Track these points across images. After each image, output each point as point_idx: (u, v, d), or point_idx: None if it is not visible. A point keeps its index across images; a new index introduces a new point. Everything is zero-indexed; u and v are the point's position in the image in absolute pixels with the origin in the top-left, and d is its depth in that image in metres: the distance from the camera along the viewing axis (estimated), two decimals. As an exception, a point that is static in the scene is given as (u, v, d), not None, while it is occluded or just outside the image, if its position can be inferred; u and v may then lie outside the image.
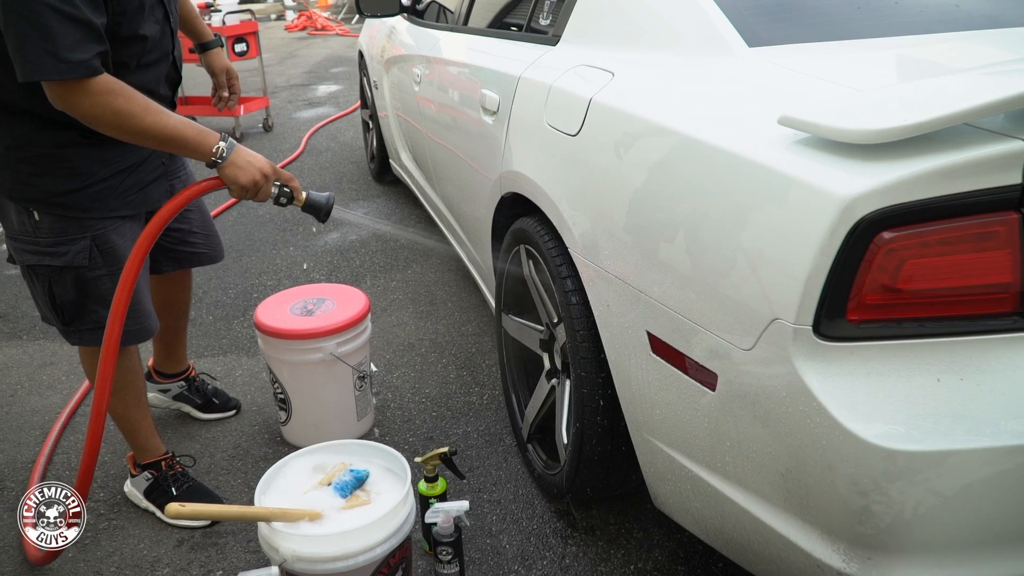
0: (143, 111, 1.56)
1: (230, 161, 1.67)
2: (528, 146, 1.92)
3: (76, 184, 1.71)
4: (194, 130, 1.63)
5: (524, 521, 2.01)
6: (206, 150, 1.64)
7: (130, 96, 1.55)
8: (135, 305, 1.82)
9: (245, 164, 1.68)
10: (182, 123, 1.62)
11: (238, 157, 1.68)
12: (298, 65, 9.56)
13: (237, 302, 3.32)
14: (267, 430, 2.43)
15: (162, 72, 1.81)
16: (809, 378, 1.14)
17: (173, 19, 1.81)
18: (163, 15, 1.76)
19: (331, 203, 1.86)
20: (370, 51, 4.35)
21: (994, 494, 1.10)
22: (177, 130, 1.60)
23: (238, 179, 1.68)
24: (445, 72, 2.82)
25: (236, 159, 1.68)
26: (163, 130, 1.58)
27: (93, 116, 1.54)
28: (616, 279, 1.54)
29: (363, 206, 4.44)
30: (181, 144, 1.62)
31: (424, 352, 2.86)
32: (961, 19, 1.62)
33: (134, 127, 1.56)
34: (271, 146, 5.75)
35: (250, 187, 1.70)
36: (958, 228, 1.09)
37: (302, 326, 2.19)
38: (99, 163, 1.74)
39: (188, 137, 1.62)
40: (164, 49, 1.79)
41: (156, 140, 1.60)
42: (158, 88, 1.82)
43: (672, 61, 1.58)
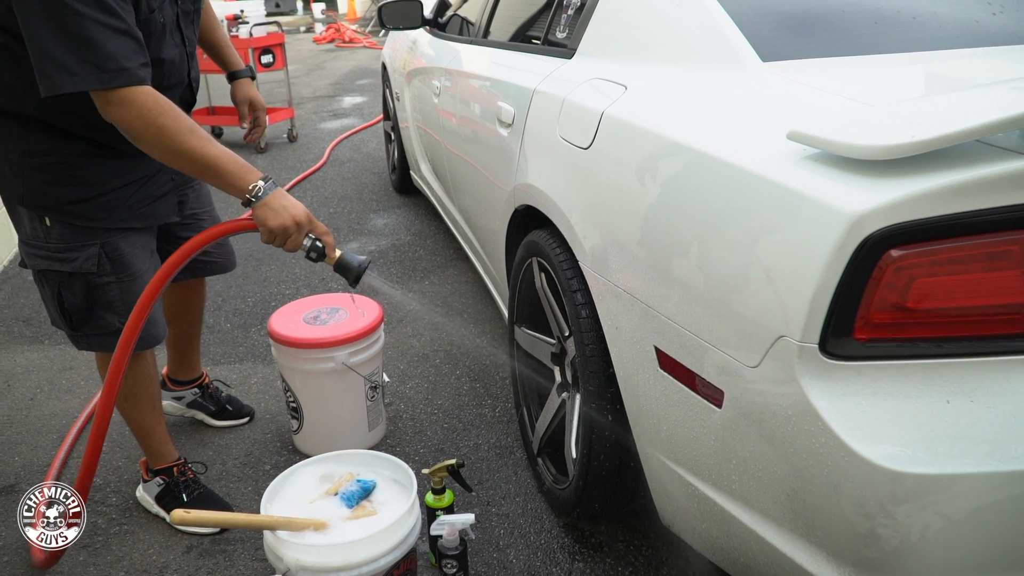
0: (188, 133, 1.53)
1: (265, 202, 1.59)
2: (541, 159, 1.92)
3: (87, 193, 1.73)
4: (235, 164, 1.58)
5: (532, 536, 1.99)
6: (243, 186, 1.58)
7: (177, 116, 1.53)
8: None
9: (280, 208, 1.60)
10: (224, 154, 1.57)
11: (274, 200, 1.60)
12: (324, 77, 9.66)
13: (255, 310, 3.34)
14: (279, 438, 2.44)
15: (177, 95, 1.82)
16: (815, 397, 1.12)
17: (189, 44, 1.82)
18: (180, 39, 1.77)
19: (364, 268, 1.74)
20: (392, 63, 4.39)
21: (1003, 519, 1.07)
22: (219, 160, 1.56)
23: (268, 222, 1.59)
24: (464, 84, 2.83)
25: (271, 201, 1.59)
26: (204, 156, 1.54)
27: (136, 129, 1.51)
28: (625, 293, 1.53)
29: (383, 217, 4.46)
30: (219, 175, 1.57)
31: (438, 363, 2.85)
32: (982, 35, 1.60)
33: (175, 147, 1.53)
34: (295, 156, 5.80)
35: (279, 232, 1.61)
36: (969, 247, 1.07)
37: (314, 335, 2.20)
38: (110, 174, 1.75)
39: (228, 169, 1.57)
40: (181, 73, 1.80)
41: (194, 165, 1.56)
42: None
43: (685, 75, 1.58)
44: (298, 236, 1.64)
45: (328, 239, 1.69)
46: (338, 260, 1.72)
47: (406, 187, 4.64)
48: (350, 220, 4.41)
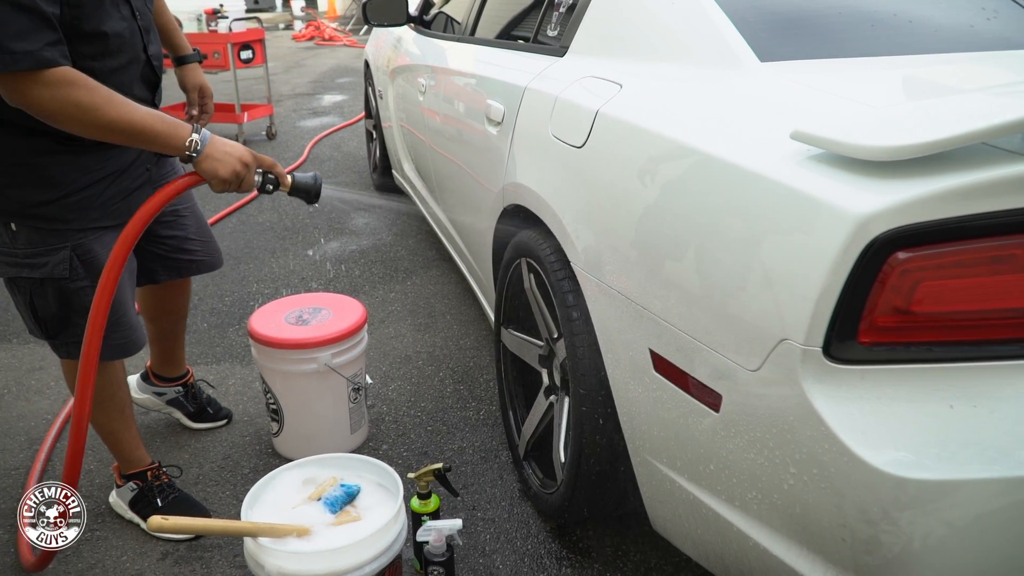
0: (106, 103, 1.44)
1: (206, 154, 1.55)
2: (532, 158, 1.89)
3: (53, 194, 1.64)
4: (164, 123, 1.52)
5: (519, 541, 1.96)
6: (178, 143, 1.53)
7: (92, 88, 1.44)
8: (120, 318, 1.77)
9: (223, 155, 1.57)
10: (151, 115, 1.50)
11: (214, 148, 1.57)
12: (304, 74, 9.57)
13: (233, 310, 3.28)
14: (258, 441, 2.38)
15: (135, 73, 1.72)
16: (818, 401, 1.10)
17: (142, 16, 1.71)
18: (129, 12, 1.66)
19: (319, 183, 1.75)
20: (376, 61, 4.34)
21: (1006, 526, 1.06)
22: (145, 122, 1.49)
23: (217, 172, 1.57)
24: (450, 82, 2.80)
25: (212, 151, 1.56)
26: (130, 123, 1.47)
27: (52, 111, 1.43)
28: (619, 295, 1.50)
29: (364, 216, 4.41)
30: (151, 138, 1.51)
31: (421, 365, 2.81)
32: (976, 40, 1.59)
33: (98, 120, 1.45)
34: (274, 153, 5.72)
35: (232, 179, 1.59)
36: (974, 250, 1.05)
37: (296, 336, 2.15)
38: (77, 171, 1.67)
39: (158, 130, 1.50)
40: (135, 48, 1.70)
41: (123, 134, 1.49)
42: (132, 89, 1.71)
43: (682, 74, 1.55)
44: (249, 176, 1.63)
45: (277, 169, 1.69)
46: (293, 185, 1.72)
47: (388, 186, 4.59)
48: (330, 220, 4.35)
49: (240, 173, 1.60)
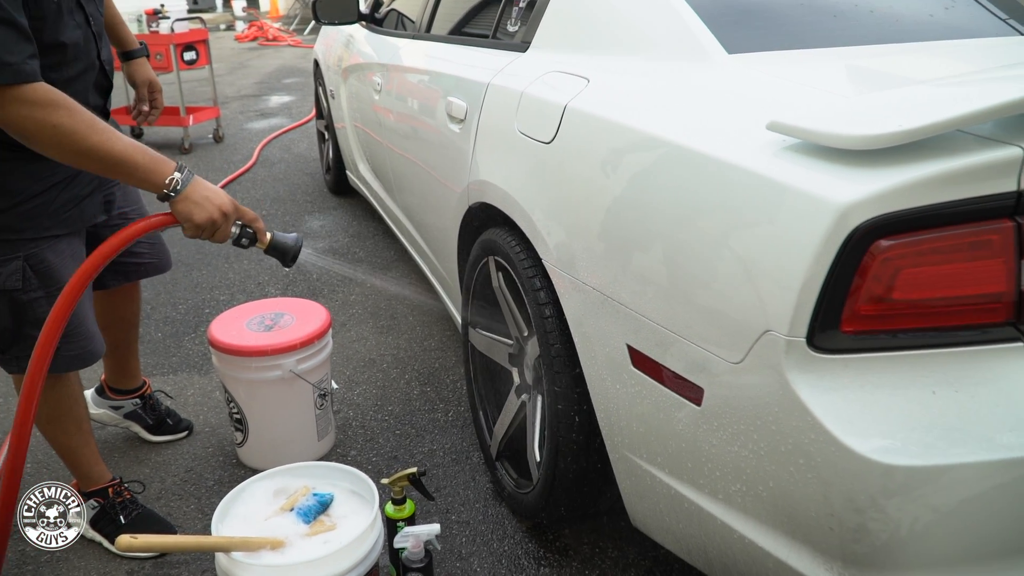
0: (88, 128, 1.37)
1: (185, 195, 1.47)
2: (498, 155, 1.87)
3: (4, 203, 1.57)
4: (147, 156, 1.44)
5: (495, 543, 1.94)
6: (159, 180, 1.45)
7: (74, 111, 1.37)
8: (76, 328, 1.71)
9: (202, 200, 1.49)
10: (133, 147, 1.43)
11: (194, 191, 1.48)
12: (249, 76, 9.39)
13: (188, 318, 3.19)
14: (222, 452, 2.32)
15: (90, 80, 1.67)
16: (803, 391, 1.10)
17: (95, 23, 1.66)
18: (84, 19, 1.61)
19: (299, 245, 1.67)
20: (326, 60, 4.27)
21: (990, 508, 1.07)
22: (126, 154, 1.41)
23: (193, 216, 1.48)
24: (407, 81, 2.75)
25: (192, 193, 1.48)
26: (110, 153, 1.39)
27: (28, 131, 1.36)
28: (594, 291, 1.48)
29: (319, 219, 4.34)
30: (130, 171, 1.43)
31: (386, 368, 2.77)
32: (935, 30, 1.62)
33: (76, 146, 1.38)
34: (222, 157, 5.60)
35: (207, 226, 1.50)
36: (952, 236, 1.06)
37: (260, 342, 2.09)
38: (29, 179, 1.59)
39: (138, 163, 1.42)
40: (90, 56, 1.65)
41: (100, 164, 1.41)
42: (87, 98, 1.67)
43: (650, 68, 1.54)
44: (226, 226, 1.54)
45: (257, 224, 1.60)
46: (270, 243, 1.64)
47: (342, 188, 4.52)
48: (284, 223, 4.26)
49: (217, 222, 1.51)
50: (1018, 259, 1.06)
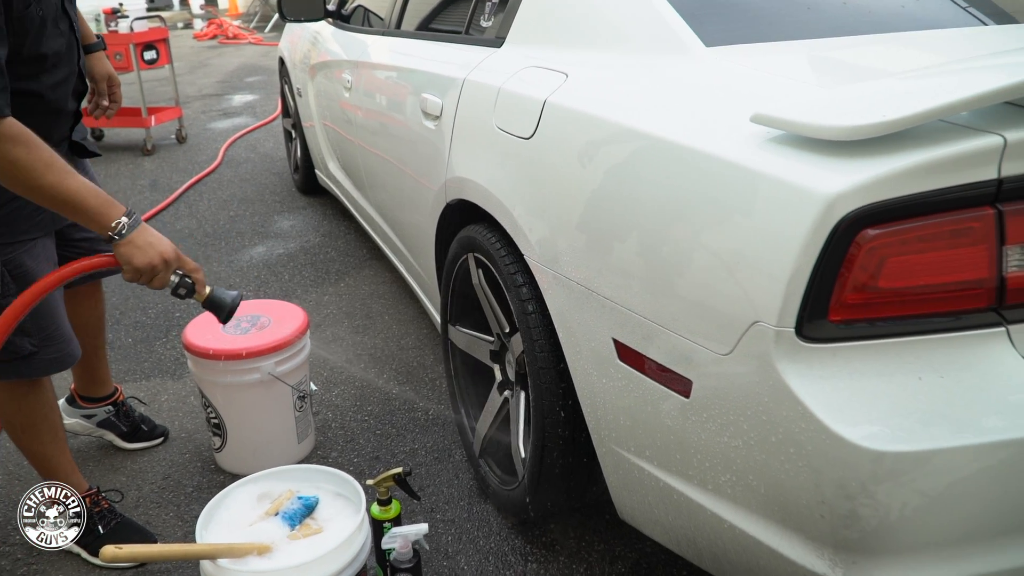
0: (45, 167, 1.39)
1: (129, 239, 1.49)
2: (476, 151, 1.86)
3: None
4: (97, 199, 1.46)
5: (481, 540, 1.94)
6: (106, 223, 1.47)
7: (33, 147, 1.38)
8: (54, 331, 1.68)
9: (145, 245, 1.51)
10: (85, 188, 1.45)
11: (139, 237, 1.51)
12: (210, 75, 9.26)
13: (158, 322, 3.14)
14: (199, 458, 2.29)
15: (70, 87, 1.66)
16: (792, 381, 1.11)
17: (77, 29, 1.66)
18: (68, 26, 1.60)
19: (236, 304, 1.69)
20: (292, 57, 4.22)
21: (976, 491, 1.09)
22: (79, 195, 1.43)
23: (133, 260, 1.50)
24: (379, 78, 2.73)
25: (136, 238, 1.50)
26: (62, 192, 1.41)
27: None
28: (579, 286, 1.48)
29: (289, 219, 4.29)
30: (78, 211, 1.45)
31: (363, 368, 2.75)
32: (907, 20, 1.64)
33: (31, 182, 1.39)
34: (186, 158, 5.52)
35: (145, 271, 1.52)
36: (934, 225, 1.07)
37: (237, 345, 2.06)
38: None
39: (88, 205, 1.45)
40: (71, 63, 1.64)
41: (51, 201, 1.43)
42: (66, 104, 1.67)
43: (628, 62, 1.55)
44: (165, 274, 1.56)
45: (198, 275, 1.62)
46: (208, 297, 1.65)
47: (311, 187, 4.47)
48: (253, 223, 4.21)
49: (156, 267, 1.53)
50: (999, 246, 1.08)
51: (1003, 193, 1.05)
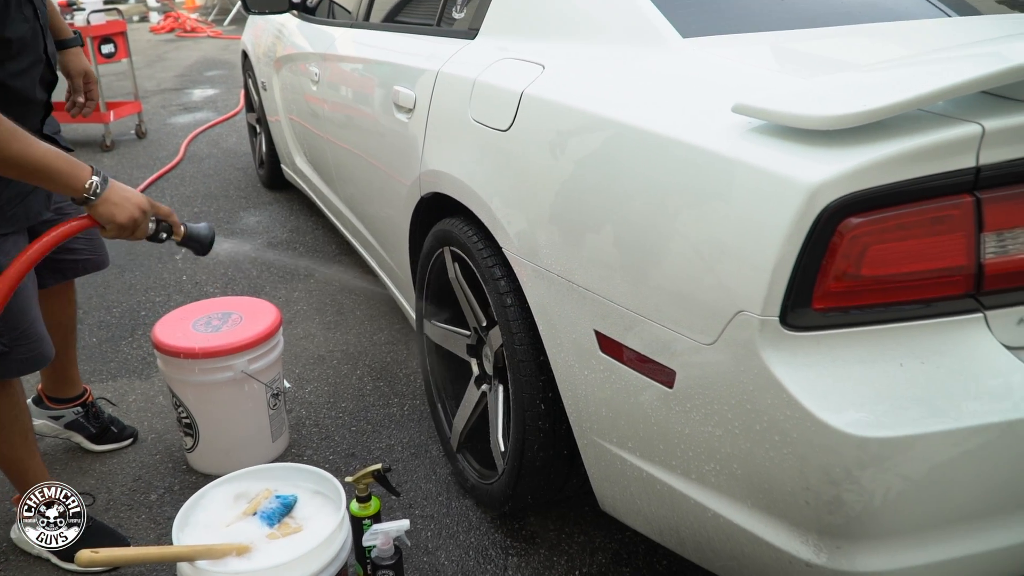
0: (10, 136, 1.37)
1: (104, 198, 1.49)
2: (452, 143, 1.84)
3: None
4: (65, 162, 1.45)
5: (461, 535, 1.93)
6: (78, 185, 1.46)
7: None
8: (26, 329, 1.64)
9: (122, 200, 1.51)
10: (52, 153, 1.44)
11: (113, 193, 1.51)
12: (169, 69, 9.08)
13: (123, 321, 3.07)
14: (170, 459, 2.25)
15: (37, 75, 1.63)
16: (777, 369, 1.12)
17: (43, 16, 1.63)
18: (32, 12, 1.57)
19: (213, 234, 1.73)
20: (256, 51, 4.15)
21: (957, 475, 1.10)
22: (46, 160, 1.42)
23: (115, 217, 1.51)
24: (348, 71, 2.70)
25: (111, 195, 1.50)
26: (30, 159, 1.40)
27: None
28: (559, 278, 1.48)
29: (255, 214, 4.23)
30: (50, 176, 1.44)
31: (336, 364, 2.72)
32: (881, 11, 1.65)
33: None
34: (146, 154, 5.41)
35: (128, 225, 1.53)
36: (915, 213, 1.09)
37: (209, 343, 2.03)
38: None
39: (59, 168, 1.44)
40: (36, 50, 1.61)
41: (20, 170, 1.41)
42: (33, 93, 1.64)
43: (605, 53, 1.54)
44: (145, 223, 1.58)
45: (172, 218, 1.65)
46: (185, 234, 1.69)
47: (277, 182, 4.41)
48: (218, 220, 4.14)
49: (137, 220, 1.54)
50: (977, 233, 1.09)
51: (981, 181, 1.07)
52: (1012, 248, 1.12)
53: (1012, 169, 1.07)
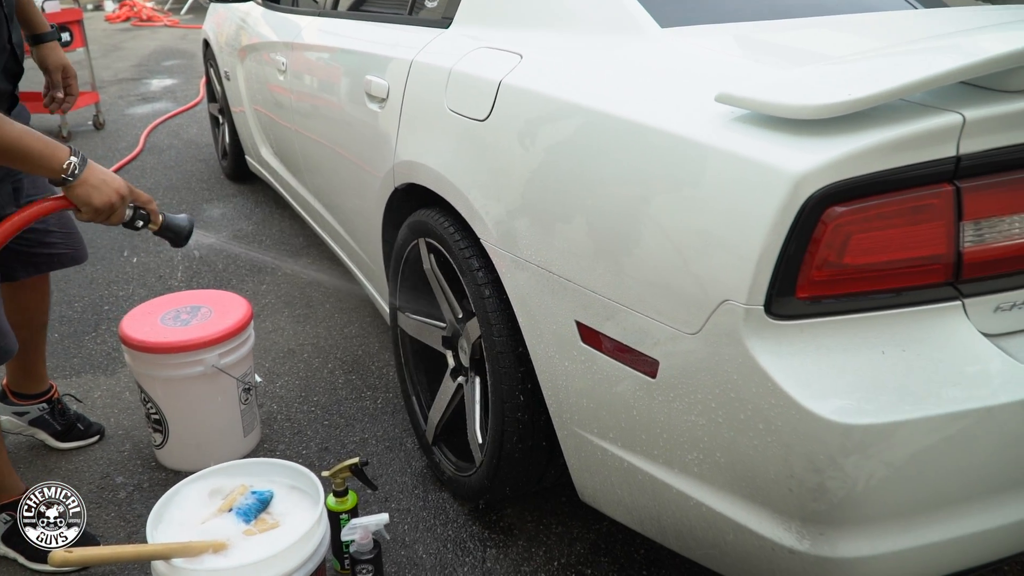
0: None
1: (82, 180, 1.46)
2: (427, 134, 1.82)
3: None
4: (41, 142, 1.42)
5: (438, 528, 1.92)
6: (55, 165, 1.43)
7: None
8: None
9: (99, 183, 1.48)
10: (26, 133, 1.40)
11: (91, 175, 1.48)
12: (125, 58, 8.88)
13: (86, 316, 3.00)
14: (139, 455, 2.20)
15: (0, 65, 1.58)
16: (762, 358, 1.12)
17: (7, 4, 1.58)
18: None
19: (192, 226, 1.71)
20: (218, 40, 4.07)
21: (937, 461, 1.12)
22: (21, 141, 1.39)
23: (92, 200, 1.48)
24: (317, 61, 2.66)
25: (89, 177, 1.47)
26: (5, 140, 1.37)
27: None
28: (539, 268, 1.47)
29: (219, 207, 4.16)
30: (25, 157, 1.41)
31: (307, 358, 2.69)
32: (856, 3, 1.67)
33: None
34: (105, 145, 5.29)
35: (105, 209, 1.50)
36: (896, 202, 1.10)
37: (179, 338, 1.99)
38: None
39: (35, 149, 1.40)
40: (0, 38, 1.56)
41: None
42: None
43: (583, 43, 1.54)
44: (122, 208, 1.55)
45: (151, 206, 1.62)
46: (163, 224, 1.66)
47: (241, 173, 4.34)
48: (180, 211, 4.06)
49: (114, 204, 1.51)
50: (956, 222, 1.11)
51: (961, 170, 1.08)
52: (988, 237, 1.14)
53: (990, 158, 1.09)
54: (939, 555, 1.18)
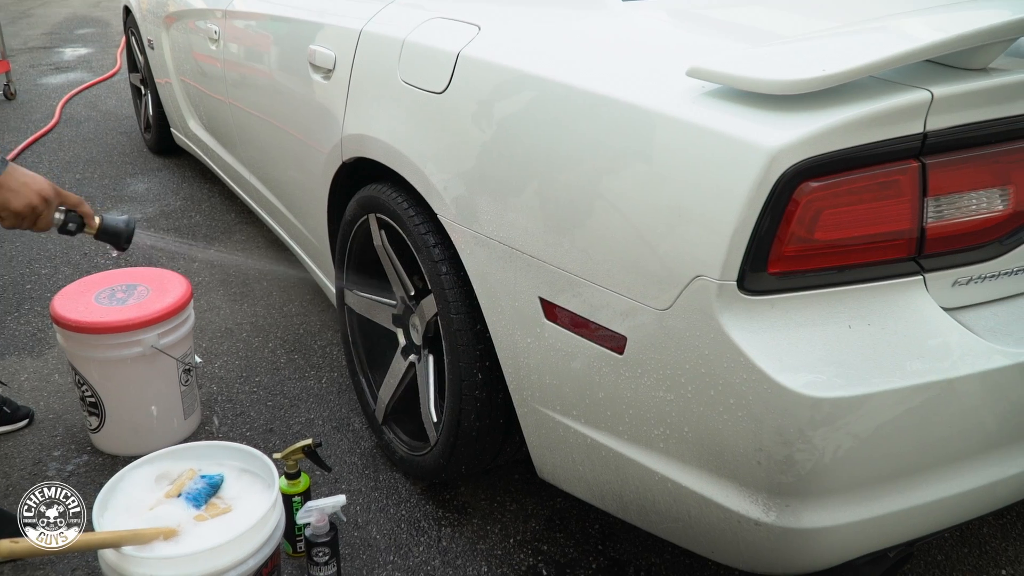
0: None
1: (0, 184, 1.38)
2: (378, 106, 1.77)
3: None
4: None
5: (391, 508, 1.89)
6: None
7: None
8: None
9: (19, 186, 1.40)
10: None
11: (10, 179, 1.39)
12: (35, 26, 8.41)
13: (7, 295, 2.84)
14: (72, 440, 2.10)
15: None
16: (735, 333, 1.13)
17: None
18: None
19: (132, 227, 1.61)
20: (141, 6, 3.88)
21: (901, 432, 1.15)
22: None
23: (10, 204, 1.40)
24: (254, 29, 2.55)
25: (8, 181, 1.39)
26: None
27: None
28: (500, 244, 1.45)
29: (143, 181, 3.98)
30: None
31: (246, 337, 2.60)
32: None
33: None
34: (18, 116, 5.00)
35: (26, 214, 1.42)
36: (865, 178, 1.11)
37: (116, 317, 1.89)
38: None
39: None
40: None
41: None
42: None
43: (542, 14, 1.51)
44: (48, 213, 1.47)
45: (83, 208, 1.54)
46: (100, 227, 1.58)
47: (166, 147, 4.16)
48: (103, 187, 3.88)
49: (37, 208, 1.43)
50: (921, 197, 1.13)
51: (927, 147, 1.11)
52: (948, 212, 1.17)
53: (955, 135, 1.11)
54: (897, 524, 1.21)
